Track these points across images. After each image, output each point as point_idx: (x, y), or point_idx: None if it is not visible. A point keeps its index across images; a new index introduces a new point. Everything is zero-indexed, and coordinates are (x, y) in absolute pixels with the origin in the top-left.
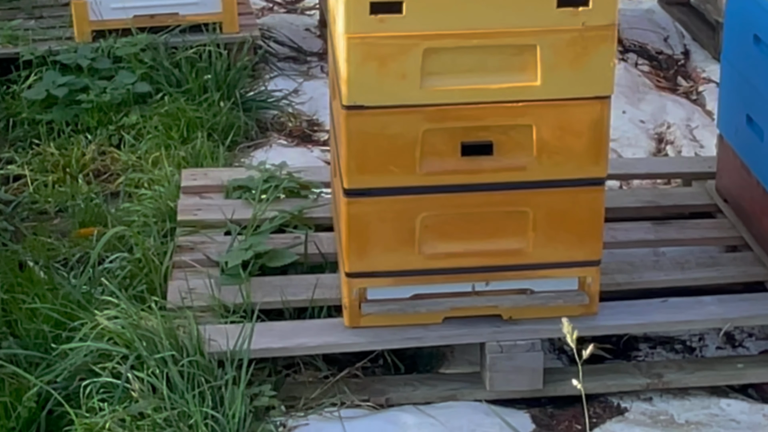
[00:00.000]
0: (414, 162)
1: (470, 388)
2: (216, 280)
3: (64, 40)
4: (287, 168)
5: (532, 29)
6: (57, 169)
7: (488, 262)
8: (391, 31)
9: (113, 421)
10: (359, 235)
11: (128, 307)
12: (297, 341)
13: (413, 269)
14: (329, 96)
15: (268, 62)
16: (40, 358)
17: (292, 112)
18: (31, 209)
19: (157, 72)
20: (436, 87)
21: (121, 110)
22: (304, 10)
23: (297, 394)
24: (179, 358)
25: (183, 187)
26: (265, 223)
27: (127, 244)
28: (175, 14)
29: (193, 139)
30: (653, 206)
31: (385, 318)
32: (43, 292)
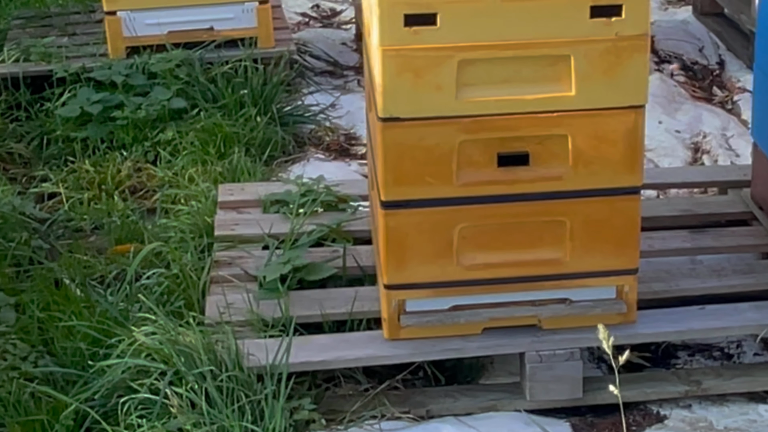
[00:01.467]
0: (451, 173)
1: (510, 398)
2: (254, 294)
3: (98, 56)
4: (325, 182)
5: (566, 40)
6: (92, 187)
7: (526, 272)
8: (425, 43)
9: None
10: (397, 247)
11: (166, 323)
12: (336, 354)
13: (452, 280)
14: (366, 109)
15: (305, 77)
16: (78, 376)
17: (329, 126)
18: (67, 227)
19: (193, 87)
20: (471, 98)
21: (156, 126)
22: (340, 24)
23: (337, 407)
24: (218, 373)
25: (220, 202)
26: (303, 236)
27: (164, 260)
28: (210, 29)
29: (229, 154)
30: (689, 215)
31: (425, 330)
32: (79, 310)
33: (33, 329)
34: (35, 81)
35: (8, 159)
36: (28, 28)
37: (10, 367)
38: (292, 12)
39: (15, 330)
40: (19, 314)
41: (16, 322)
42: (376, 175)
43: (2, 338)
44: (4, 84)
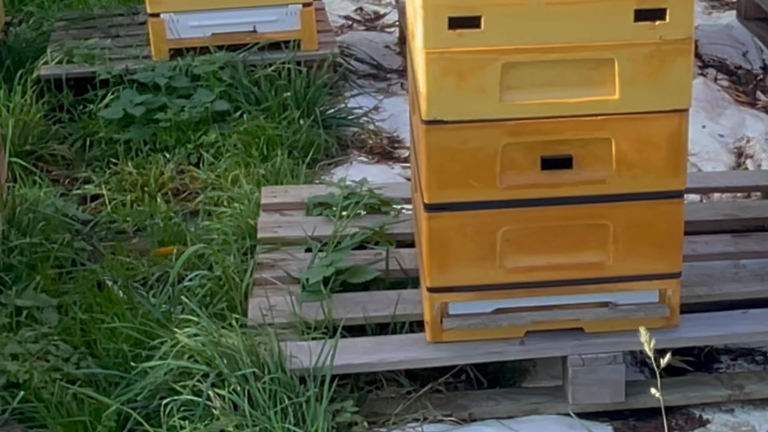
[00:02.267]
0: (494, 176)
1: (553, 402)
2: (297, 296)
3: (141, 58)
4: (368, 184)
5: (610, 43)
6: (135, 189)
7: (569, 276)
8: (469, 46)
9: None
10: (440, 250)
11: (209, 325)
12: (379, 357)
13: (494, 283)
14: (409, 112)
15: (348, 79)
16: (120, 378)
17: (373, 129)
18: (110, 229)
19: (236, 90)
20: (515, 101)
21: (199, 129)
22: (383, 27)
23: (379, 410)
24: (261, 375)
25: (263, 205)
26: (346, 239)
27: (207, 263)
28: (254, 32)
29: (272, 156)
30: (733, 219)
31: (467, 332)
32: (122, 312)
33: (75, 331)
34: (78, 83)
35: (51, 161)
36: (71, 29)
37: (53, 369)
38: (335, 15)
39: (57, 331)
40: (61, 316)
41: (59, 324)
42: (420, 178)
43: (45, 339)
44: (47, 85)
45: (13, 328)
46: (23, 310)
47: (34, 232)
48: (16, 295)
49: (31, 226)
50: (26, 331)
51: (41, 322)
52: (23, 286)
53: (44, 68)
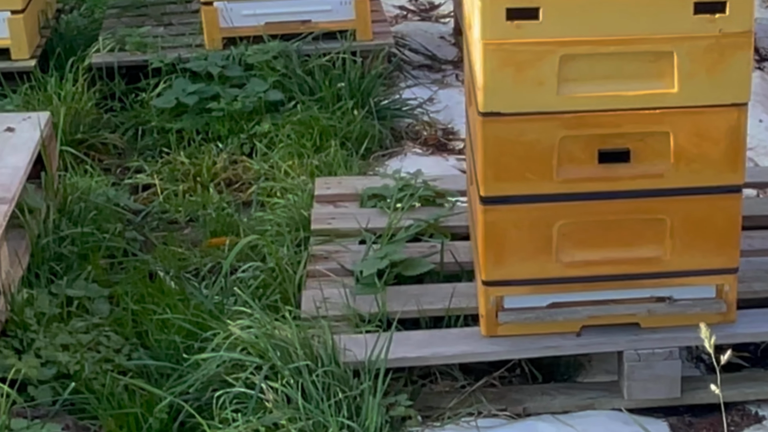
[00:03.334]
0: (551, 169)
1: (608, 397)
2: (351, 289)
3: (194, 47)
4: (422, 176)
5: (669, 36)
6: (187, 178)
7: (625, 270)
8: (527, 38)
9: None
10: (496, 243)
11: (262, 317)
12: (433, 351)
13: (550, 277)
14: (465, 104)
15: (403, 70)
16: (172, 369)
17: (427, 120)
18: (161, 219)
19: (290, 80)
20: (573, 94)
21: (252, 118)
22: (438, 18)
23: (433, 403)
24: (314, 368)
25: (317, 196)
26: (401, 231)
27: (260, 254)
28: (308, 21)
29: (326, 147)
30: None
31: (522, 327)
32: (174, 303)
33: (127, 322)
34: (130, 71)
35: (103, 150)
36: (123, 17)
37: (104, 360)
38: (390, 5)
39: (109, 322)
40: (112, 306)
41: (110, 315)
42: (476, 170)
43: (96, 330)
44: (99, 74)
45: (64, 319)
46: (74, 301)
47: (86, 221)
48: (67, 285)
49: (83, 216)
50: (77, 321)
51: (92, 312)
52: (74, 276)
53: (96, 56)
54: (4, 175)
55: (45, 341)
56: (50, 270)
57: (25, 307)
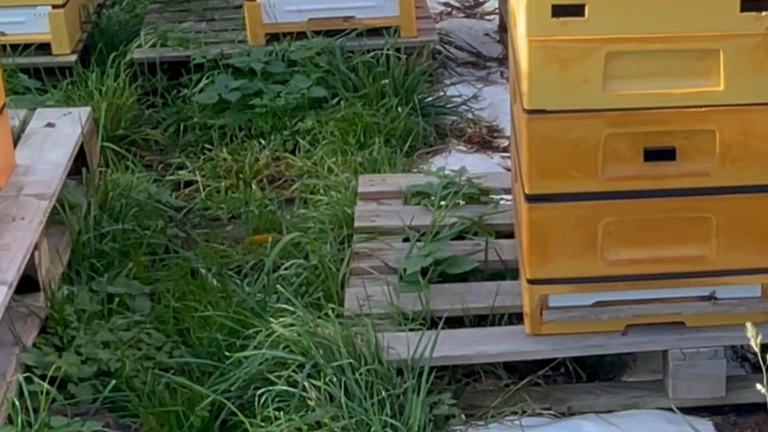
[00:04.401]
0: (596, 167)
1: (653, 396)
2: (394, 287)
3: (236, 43)
4: (467, 174)
5: (715, 33)
6: (230, 175)
7: (671, 269)
8: (573, 35)
9: (289, 430)
10: (541, 242)
11: (304, 315)
12: (477, 349)
13: (595, 276)
14: (510, 101)
15: (447, 67)
16: (214, 367)
17: (472, 117)
18: (203, 216)
19: (333, 76)
20: (618, 91)
21: (295, 115)
22: (483, 15)
23: (477, 402)
24: (357, 366)
25: (360, 193)
26: (445, 229)
27: (303, 251)
28: (352, 18)
29: (370, 144)
30: None
31: (567, 325)
32: (216, 300)
33: (168, 319)
34: (172, 67)
35: (144, 146)
36: (165, 12)
37: (145, 357)
38: (435, 2)
39: (150, 319)
40: (154, 303)
41: (152, 312)
42: (520, 168)
43: (137, 327)
44: (141, 69)
45: (105, 316)
46: (115, 298)
47: (127, 218)
48: (108, 282)
49: (124, 212)
50: (118, 318)
51: (133, 309)
52: (115, 273)
53: (138, 51)
54: (44, 171)
55: (85, 338)
56: (91, 267)
57: (66, 304)
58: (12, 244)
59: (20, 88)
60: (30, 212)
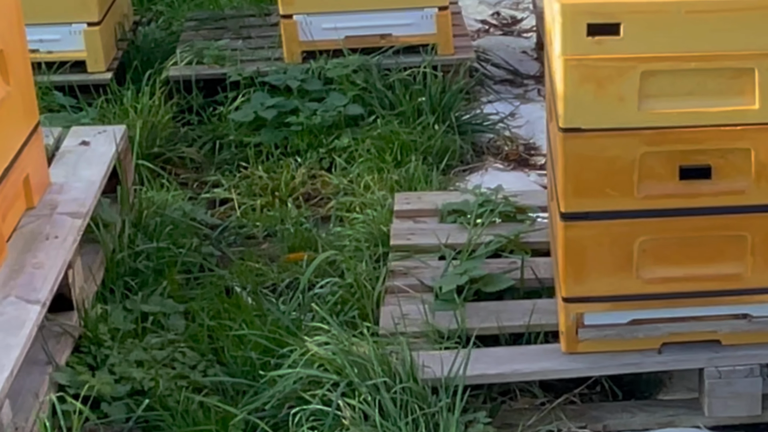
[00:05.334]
0: (632, 185)
1: (688, 414)
2: (430, 305)
3: (272, 60)
4: (503, 192)
5: (750, 52)
6: (265, 193)
7: (706, 287)
8: (608, 53)
9: None
10: (576, 260)
11: (339, 333)
12: (513, 367)
13: (631, 294)
14: (546, 119)
15: (484, 85)
16: (248, 386)
17: (509, 135)
18: (239, 234)
19: (370, 94)
20: (654, 110)
21: (331, 133)
22: (520, 33)
23: (513, 421)
24: (392, 385)
25: (396, 211)
26: (481, 247)
27: (338, 269)
28: (389, 35)
29: (406, 162)
30: None
31: (603, 343)
32: (250, 319)
33: (203, 338)
34: (208, 84)
35: (180, 163)
36: (201, 30)
37: (179, 376)
38: (471, 19)
39: (184, 338)
40: (188, 322)
41: (186, 330)
42: (556, 186)
43: (171, 346)
44: (176, 87)
45: (139, 335)
46: (149, 316)
47: (161, 236)
48: (142, 300)
49: (158, 230)
50: (152, 337)
51: (168, 328)
52: (149, 291)
53: (173, 69)
54: (78, 189)
55: (119, 357)
56: (125, 285)
57: (99, 323)
58: (45, 262)
59: (55, 106)
60: (64, 231)
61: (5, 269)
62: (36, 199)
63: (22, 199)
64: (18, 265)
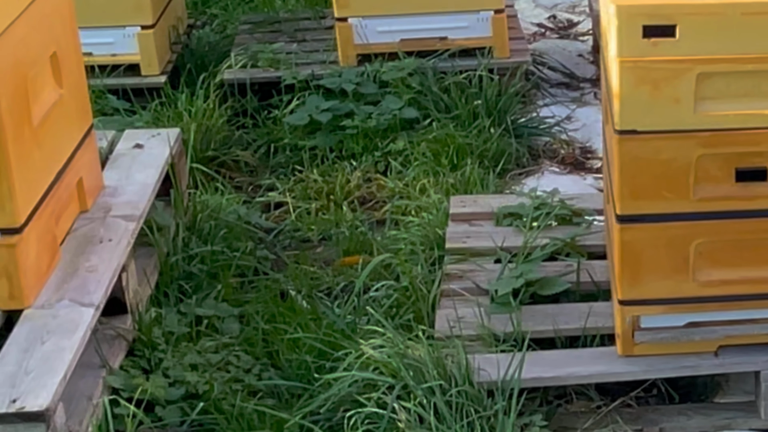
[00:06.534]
0: (688, 188)
1: (745, 417)
2: (485, 308)
3: (327, 63)
4: (559, 195)
5: None
6: (320, 197)
7: (763, 290)
8: (664, 55)
9: None
10: (632, 262)
11: (394, 336)
12: (569, 370)
13: (687, 297)
14: (602, 122)
15: (540, 88)
16: (303, 389)
17: (565, 138)
18: (294, 237)
19: (425, 97)
20: (709, 112)
21: (387, 136)
22: (577, 36)
23: (569, 424)
24: (447, 388)
25: (452, 214)
26: (537, 250)
27: (394, 273)
28: (444, 38)
29: (462, 166)
30: None
31: (659, 346)
32: (305, 322)
33: (257, 341)
34: (263, 87)
35: (234, 167)
36: (256, 33)
37: (234, 380)
38: (528, 22)
39: (239, 342)
40: (243, 325)
41: (240, 334)
42: (612, 188)
43: (225, 350)
44: (231, 90)
45: (193, 338)
46: (204, 320)
47: (216, 240)
48: (197, 304)
49: (213, 234)
50: (206, 341)
51: (222, 332)
52: (204, 295)
53: (228, 72)
54: (132, 192)
55: (173, 361)
56: (179, 289)
57: (154, 327)
58: (99, 265)
59: (108, 110)
60: (117, 234)
61: (59, 272)
62: (90, 203)
63: (76, 202)
64: (72, 268)
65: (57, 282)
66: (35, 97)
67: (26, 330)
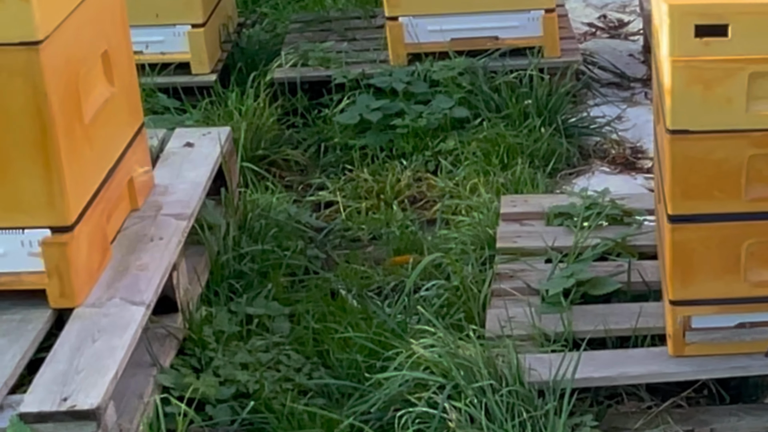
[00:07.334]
0: (739, 188)
1: None
2: (536, 308)
3: (378, 63)
4: (610, 195)
5: None
6: (371, 196)
7: None
8: (716, 55)
9: None
10: (684, 262)
11: (445, 336)
12: (620, 371)
13: (738, 297)
14: (653, 122)
15: (591, 88)
16: (353, 389)
17: (616, 138)
18: (344, 236)
19: (476, 96)
20: (762, 112)
21: (437, 135)
22: (627, 35)
23: (619, 424)
24: (498, 388)
25: (502, 214)
26: (587, 250)
27: (444, 272)
28: (495, 38)
29: (512, 165)
30: None
31: (710, 347)
32: (356, 321)
33: (308, 340)
34: (313, 86)
35: (284, 166)
36: (306, 32)
37: (284, 379)
38: (578, 22)
39: (289, 341)
40: (293, 325)
41: (291, 333)
42: (663, 188)
43: (276, 349)
44: (281, 89)
45: (244, 337)
46: (254, 319)
47: (266, 238)
48: (247, 303)
49: (263, 233)
50: (257, 340)
51: (272, 331)
52: (254, 293)
53: (278, 71)
54: (183, 191)
55: (224, 360)
56: (230, 288)
57: (204, 325)
58: (150, 264)
59: (159, 108)
60: (168, 232)
61: (110, 271)
62: (140, 201)
63: (127, 200)
64: (122, 266)
65: (108, 280)
66: (86, 95)
67: (77, 328)
